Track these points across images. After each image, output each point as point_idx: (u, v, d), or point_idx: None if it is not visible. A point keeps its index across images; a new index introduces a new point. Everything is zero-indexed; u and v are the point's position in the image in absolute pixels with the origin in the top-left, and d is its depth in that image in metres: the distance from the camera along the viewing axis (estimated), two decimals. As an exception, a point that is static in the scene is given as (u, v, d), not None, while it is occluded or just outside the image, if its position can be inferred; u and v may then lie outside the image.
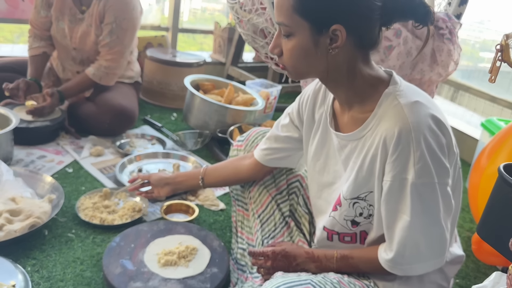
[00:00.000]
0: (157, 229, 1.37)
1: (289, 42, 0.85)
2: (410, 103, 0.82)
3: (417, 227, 0.82)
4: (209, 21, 4.32)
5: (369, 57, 0.88)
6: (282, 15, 0.84)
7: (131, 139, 2.11)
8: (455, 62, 1.79)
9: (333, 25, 0.81)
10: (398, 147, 0.80)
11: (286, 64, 0.89)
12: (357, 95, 0.89)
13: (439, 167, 0.80)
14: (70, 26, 2.03)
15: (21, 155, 1.82)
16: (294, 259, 1.00)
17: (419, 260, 0.85)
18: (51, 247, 1.33)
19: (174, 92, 2.67)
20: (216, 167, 1.33)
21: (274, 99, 2.54)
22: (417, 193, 0.80)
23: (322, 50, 0.84)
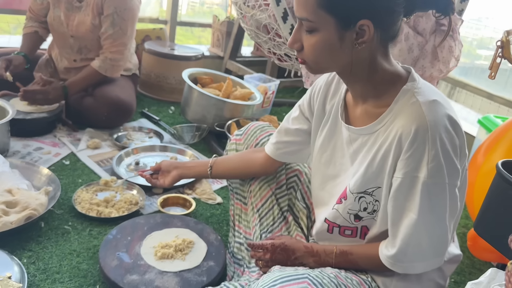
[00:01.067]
0: (154, 222, 1.38)
1: (312, 37, 0.83)
2: (429, 102, 0.81)
3: (423, 226, 0.82)
4: (207, 14, 4.29)
5: (388, 51, 0.87)
6: (306, 10, 0.82)
7: (129, 132, 2.11)
8: (456, 58, 1.79)
9: (361, 20, 0.79)
10: (413, 144, 0.80)
11: (307, 59, 0.87)
12: (374, 90, 0.89)
13: (451, 168, 0.80)
14: (66, 14, 2.02)
15: (17, 147, 1.81)
16: (293, 253, 1.01)
17: (420, 258, 0.86)
18: (47, 239, 1.33)
19: (171, 85, 2.67)
20: (226, 158, 1.29)
21: (272, 94, 2.54)
22: (427, 192, 0.80)
23: (347, 45, 0.82)
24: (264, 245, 1.03)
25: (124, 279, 1.13)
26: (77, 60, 2.12)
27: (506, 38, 0.85)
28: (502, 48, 0.85)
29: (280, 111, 2.78)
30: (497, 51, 0.85)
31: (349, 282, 0.89)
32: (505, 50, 0.85)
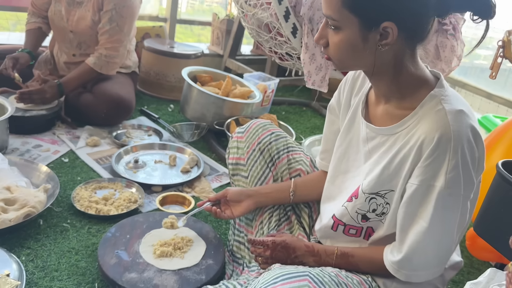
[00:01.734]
0: (153, 220, 1.37)
1: (336, 35, 0.83)
2: (455, 111, 0.80)
3: (432, 235, 0.81)
4: (207, 12, 4.29)
5: (416, 53, 0.85)
6: (331, 8, 0.81)
7: (128, 130, 2.10)
8: (458, 57, 1.79)
9: (384, 22, 0.78)
10: (434, 152, 0.79)
11: (332, 56, 0.87)
12: (399, 91, 0.87)
13: (467, 180, 0.79)
14: (67, 9, 2.02)
15: (16, 144, 1.80)
16: (294, 251, 1.00)
17: (424, 267, 0.85)
18: (46, 237, 1.33)
19: (171, 83, 2.66)
20: (307, 179, 1.20)
21: (272, 92, 2.54)
22: (441, 202, 0.79)
23: (371, 46, 0.82)
24: (265, 241, 1.03)
25: (123, 277, 1.13)
26: (76, 55, 2.12)
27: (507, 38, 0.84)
28: (503, 48, 0.84)
29: (279, 109, 2.78)
30: (498, 51, 0.85)
31: (349, 281, 0.89)
32: (506, 50, 0.85)
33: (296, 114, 2.76)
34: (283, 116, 2.68)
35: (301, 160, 1.25)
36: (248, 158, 1.24)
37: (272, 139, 1.24)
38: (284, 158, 1.23)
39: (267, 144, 1.24)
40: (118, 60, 2.09)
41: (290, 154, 1.25)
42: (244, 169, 1.25)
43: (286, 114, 2.74)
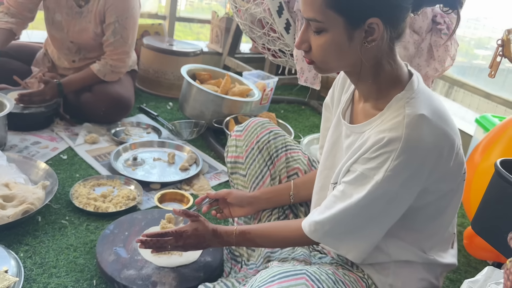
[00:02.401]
0: (151, 218, 1.37)
1: (321, 37, 0.82)
2: (413, 115, 0.80)
3: (353, 215, 0.85)
4: (206, 10, 4.28)
5: (395, 51, 0.86)
6: (314, 10, 0.81)
7: (127, 127, 2.10)
8: (452, 57, 1.79)
9: (370, 18, 0.79)
10: (380, 150, 0.81)
11: (315, 59, 0.86)
12: (377, 91, 0.88)
13: (410, 179, 0.81)
14: (66, 19, 2.00)
15: (15, 141, 1.80)
16: (203, 238, 1.07)
17: (335, 237, 0.89)
18: (44, 234, 1.33)
19: (170, 81, 2.66)
20: (305, 181, 1.21)
21: (271, 91, 2.54)
22: (373, 193, 0.82)
23: (356, 44, 0.82)
24: (177, 232, 1.08)
25: (121, 274, 1.13)
26: (76, 60, 2.11)
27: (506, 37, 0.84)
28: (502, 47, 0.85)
29: (278, 108, 2.78)
30: (498, 50, 0.85)
31: (346, 279, 0.89)
32: (505, 49, 0.85)
33: (294, 113, 2.77)
34: (282, 115, 2.68)
35: (299, 159, 1.25)
36: (246, 156, 1.24)
37: (270, 137, 1.25)
38: (283, 157, 1.24)
39: (266, 142, 1.24)
40: (124, 70, 2.09)
41: (289, 152, 1.25)
42: (243, 167, 1.25)
43: (285, 112, 2.75)
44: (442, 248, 0.97)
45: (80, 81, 2.01)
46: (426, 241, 0.93)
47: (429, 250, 0.94)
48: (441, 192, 0.88)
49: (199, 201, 1.24)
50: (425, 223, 0.91)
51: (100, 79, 2.03)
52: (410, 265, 0.93)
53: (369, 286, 0.93)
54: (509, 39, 0.85)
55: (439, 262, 0.94)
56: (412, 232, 0.92)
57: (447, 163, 0.84)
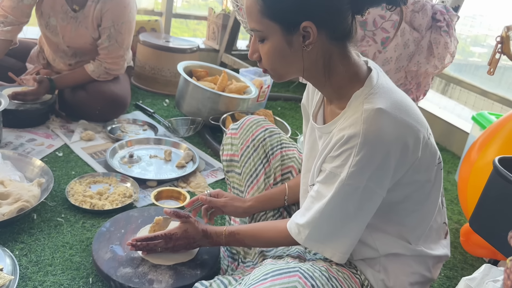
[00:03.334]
0: (148, 215, 1.37)
1: (264, 46, 0.86)
2: (370, 110, 0.81)
3: (327, 215, 0.86)
4: (202, 7, 4.27)
5: (346, 49, 0.87)
6: (253, 21, 0.85)
7: (123, 124, 2.09)
8: (452, 54, 1.79)
9: (303, 22, 0.81)
10: (341, 147, 0.82)
11: (266, 67, 0.90)
12: (335, 91, 0.90)
13: (376, 173, 0.81)
14: (62, 25, 1.97)
15: (10, 138, 1.79)
16: (193, 239, 1.11)
17: (318, 240, 0.89)
18: (40, 231, 1.32)
19: (166, 78, 2.65)
20: (297, 183, 1.18)
21: (268, 88, 2.53)
22: (341, 190, 0.83)
23: (297, 48, 0.84)
24: (167, 235, 1.11)
25: (117, 272, 1.13)
26: (72, 64, 2.10)
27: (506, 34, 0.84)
28: (501, 44, 0.84)
29: (275, 105, 2.78)
30: (497, 47, 0.85)
31: (340, 276, 0.89)
32: (504, 46, 0.85)
33: (292, 110, 2.76)
34: (279, 112, 2.68)
35: (293, 157, 1.25)
36: (241, 154, 1.24)
37: (266, 135, 1.25)
38: (278, 154, 1.24)
39: (261, 140, 1.24)
40: (119, 72, 2.08)
41: (284, 150, 1.25)
42: (238, 165, 1.25)
43: (282, 109, 2.74)
44: (432, 239, 0.97)
45: (73, 80, 2.00)
46: (411, 233, 0.93)
47: (416, 242, 0.94)
48: (417, 183, 0.89)
49: (190, 204, 1.25)
50: (408, 216, 0.92)
51: (93, 79, 2.01)
52: (399, 258, 0.93)
53: (362, 282, 0.93)
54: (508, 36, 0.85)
55: (428, 253, 0.95)
56: (396, 225, 0.92)
57: (415, 153, 0.84)
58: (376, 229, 0.91)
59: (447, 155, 2.53)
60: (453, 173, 2.27)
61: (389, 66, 1.70)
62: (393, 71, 1.74)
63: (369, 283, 0.94)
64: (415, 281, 0.95)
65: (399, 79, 1.78)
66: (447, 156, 2.51)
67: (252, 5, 0.84)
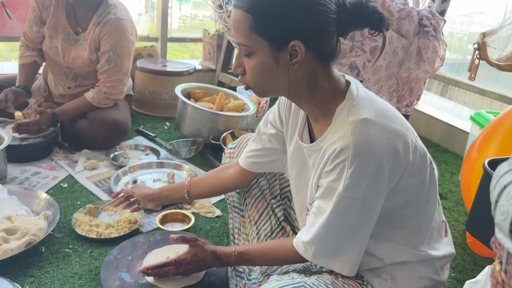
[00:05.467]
0: (154, 240, 1.38)
1: (250, 61, 0.87)
2: (356, 121, 0.82)
3: (330, 229, 0.86)
4: (199, 27, 4.33)
5: (330, 69, 0.89)
6: (240, 35, 0.85)
7: (125, 151, 2.12)
8: (441, 58, 1.81)
9: (292, 41, 0.82)
10: (334, 161, 0.83)
11: (249, 83, 0.90)
12: (318, 109, 0.91)
13: (371, 183, 0.82)
14: (63, 45, 2.04)
15: (15, 173, 1.82)
16: (203, 262, 1.11)
17: (325, 255, 0.89)
18: (48, 264, 1.33)
19: (165, 101, 2.68)
20: (201, 179, 1.31)
21: (266, 103, 2.56)
22: (339, 204, 0.83)
23: (283, 66, 0.85)
24: (176, 261, 1.12)
25: (127, 299, 1.14)
26: (71, 87, 2.14)
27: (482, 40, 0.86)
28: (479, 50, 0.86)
29: (275, 119, 2.79)
30: (475, 53, 0.86)
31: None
32: (482, 52, 0.86)
33: (291, 123, 2.77)
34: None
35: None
36: None
37: None
38: None
39: None
40: (118, 97, 2.12)
41: None
42: (237, 184, 1.26)
43: (281, 123, 2.75)
44: (434, 239, 0.98)
45: (74, 110, 2.04)
46: (415, 236, 0.94)
47: (421, 245, 0.94)
48: (414, 187, 0.89)
49: (115, 195, 1.42)
50: (412, 220, 0.92)
51: (94, 107, 2.05)
52: (405, 265, 0.93)
53: (368, 292, 0.93)
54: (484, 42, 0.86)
55: (433, 256, 0.95)
56: (400, 230, 0.93)
57: (407, 158, 0.85)
58: (380, 238, 0.92)
59: (449, 156, 2.53)
60: (457, 174, 2.26)
61: (380, 74, 1.72)
62: (384, 78, 1.75)
63: None
64: (423, 286, 0.95)
65: (391, 86, 1.79)
66: (450, 157, 2.51)
67: (241, 20, 0.84)
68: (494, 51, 0.96)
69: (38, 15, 2.03)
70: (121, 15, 2.01)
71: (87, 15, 2.01)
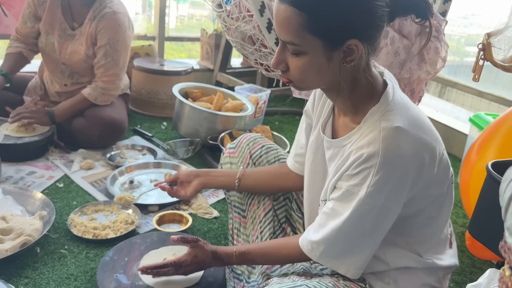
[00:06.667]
0: (151, 241, 1.36)
1: (299, 60, 0.82)
2: (389, 128, 0.81)
3: (344, 233, 0.85)
4: (196, 27, 4.32)
5: (370, 64, 0.87)
6: (291, 34, 0.80)
7: (122, 151, 2.10)
8: (443, 59, 1.81)
9: (349, 40, 0.79)
10: (360, 166, 0.82)
11: (293, 79, 0.87)
12: (353, 106, 0.89)
13: (393, 191, 0.81)
14: (59, 41, 2.01)
15: (10, 172, 1.80)
16: (204, 262, 1.09)
17: (332, 257, 0.89)
18: (43, 265, 1.31)
19: (163, 101, 2.67)
20: (255, 170, 1.24)
21: (264, 104, 2.55)
22: (359, 209, 0.83)
23: (335, 64, 0.82)
24: (176, 263, 1.10)
25: (123, 301, 1.12)
26: (68, 84, 2.12)
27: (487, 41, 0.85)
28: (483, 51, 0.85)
29: (272, 120, 2.79)
30: (479, 54, 0.85)
31: (348, 291, 0.89)
32: (486, 53, 0.85)
33: (289, 124, 2.77)
34: (277, 126, 2.68)
35: (293, 170, 1.25)
36: None
37: (262, 152, 1.25)
38: None
39: (258, 157, 1.24)
40: (114, 93, 2.09)
41: None
42: (239, 184, 1.25)
43: (279, 124, 2.75)
44: (439, 250, 0.97)
45: (72, 107, 2.01)
46: (422, 245, 0.93)
47: (425, 253, 0.93)
48: (430, 198, 0.89)
49: (157, 184, 1.32)
50: (421, 229, 0.91)
51: (91, 103, 2.03)
52: (409, 271, 0.93)
53: (370, 296, 0.93)
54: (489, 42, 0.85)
55: (438, 265, 0.94)
56: (408, 237, 0.92)
57: (431, 170, 0.84)
58: (387, 243, 0.91)
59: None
60: (455, 176, 2.26)
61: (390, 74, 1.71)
62: (385, 79, 1.74)
63: None
64: None
65: (392, 87, 1.79)
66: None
67: (292, 18, 0.78)
68: (499, 52, 0.95)
69: (33, 11, 2.01)
70: (118, 8, 1.99)
71: (83, 9, 1.99)
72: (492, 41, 0.87)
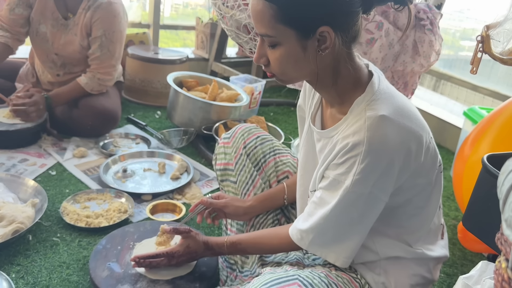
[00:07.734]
0: (144, 230, 1.36)
1: (276, 51, 0.84)
2: (374, 117, 0.81)
3: (331, 221, 0.86)
4: (191, 16, 4.28)
5: (352, 52, 0.87)
6: (264, 26, 0.82)
7: (115, 139, 2.08)
8: (437, 52, 1.80)
9: (320, 27, 0.80)
10: (346, 155, 0.82)
11: (274, 72, 0.88)
12: (338, 96, 0.90)
13: (380, 180, 0.81)
14: (52, 31, 1.98)
15: (1, 159, 1.78)
16: (196, 253, 1.11)
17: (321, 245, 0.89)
18: (35, 252, 1.31)
19: (157, 89, 2.65)
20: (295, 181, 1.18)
21: (259, 94, 2.53)
22: (345, 197, 0.83)
23: (311, 53, 0.83)
24: (169, 253, 1.11)
25: (116, 290, 1.12)
26: (60, 74, 2.09)
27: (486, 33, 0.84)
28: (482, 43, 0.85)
29: (267, 111, 2.78)
30: (478, 46, 0.85)
31: (340, 281, 0.89)
32: (485, 45, 0.85)
33: (284, 115, 2.76)
34: (272, 117, 2.68)
35: (288, 162, 1.25)
36: (236, 163, 1.24)
37: (257, 143, 1.25)
38: (271, 161, 1.24)
39: (253, 148, 1.24)
40: (110, 83, 2.08)
41: (277, 156, 1.25)
42: (233, 174, 1.24)
43: (274, 115, 2.74)
44: (430, 240, 0.98)
45: (68, 94, 1.99)
46: (411, 235, 0.94)
47: (415, 244, 0.94)
48: (418, 187, 0.89)
49: (193, 208, 1.22)
50: (409, 219, 0.92)
51: (87, 92, 2.01)
52: (399, 261, 0.93)
53: (362, 286, 0.93)
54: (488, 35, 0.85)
55: (428, 255, 0.95)
56: (397, 228, 0.93)
57: (418, 158, 0.84)
58: (376, 233, 0.91)
59: (441, 151, 2.53)
60: (448, 169, 2.27)
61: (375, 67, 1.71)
62: (380, 71, 1.74)
63: (369, 286, 0.94)
64: (416, 283, 0.95)
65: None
66: (441, 152, 2.52)
67: (263, 10, 0.80)
68: (498, 44, 0.95)
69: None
70: None
71: None
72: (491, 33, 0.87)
